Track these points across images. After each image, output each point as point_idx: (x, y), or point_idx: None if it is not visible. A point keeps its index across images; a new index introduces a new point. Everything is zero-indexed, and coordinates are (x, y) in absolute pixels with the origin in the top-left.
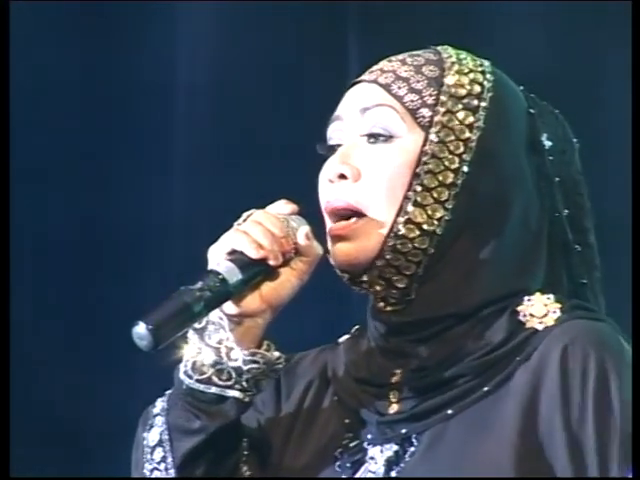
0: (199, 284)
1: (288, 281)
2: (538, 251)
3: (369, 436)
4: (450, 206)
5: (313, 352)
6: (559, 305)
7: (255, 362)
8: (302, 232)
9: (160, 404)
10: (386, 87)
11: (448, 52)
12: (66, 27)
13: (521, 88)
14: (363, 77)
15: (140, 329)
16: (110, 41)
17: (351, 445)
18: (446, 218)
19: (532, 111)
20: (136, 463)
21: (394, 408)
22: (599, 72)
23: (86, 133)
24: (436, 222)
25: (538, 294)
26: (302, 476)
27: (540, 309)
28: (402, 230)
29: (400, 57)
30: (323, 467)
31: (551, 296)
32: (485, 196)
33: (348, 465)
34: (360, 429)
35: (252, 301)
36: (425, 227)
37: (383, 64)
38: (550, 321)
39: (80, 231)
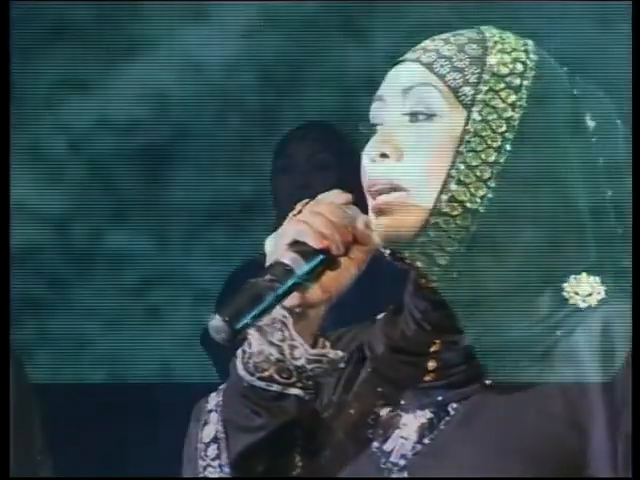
0: (267, 276)
1: (347, 270)
2: (580, 233)
3: (402, 402)
4: (493, 184)
5: (352, 328)
6: (604, 288)
7: (319, 362)
8: (361, 221)
9: (214, 399)
10: (428, 65)
11: (491, 31)
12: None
13: (565, 69)
14: (406, 56)
15: (216, 322)
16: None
17: (382, 412)
18: (489, 196)
19: (575, 92)
20: (188, 459)
21: (431, 376)
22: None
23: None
24: (479, 200)
25: (585, 274)
26: (338, 448)
27: (585, 288)
28: (445, 208)
29: (444, 36)
30: (356, 436)
31: (597, 278)
32: (527, 175)
33: (380, 431)
34: (394, 396)
35: (314, 291)
36: (468, 205)
37: (426, 43)
38: (593, 301)
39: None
